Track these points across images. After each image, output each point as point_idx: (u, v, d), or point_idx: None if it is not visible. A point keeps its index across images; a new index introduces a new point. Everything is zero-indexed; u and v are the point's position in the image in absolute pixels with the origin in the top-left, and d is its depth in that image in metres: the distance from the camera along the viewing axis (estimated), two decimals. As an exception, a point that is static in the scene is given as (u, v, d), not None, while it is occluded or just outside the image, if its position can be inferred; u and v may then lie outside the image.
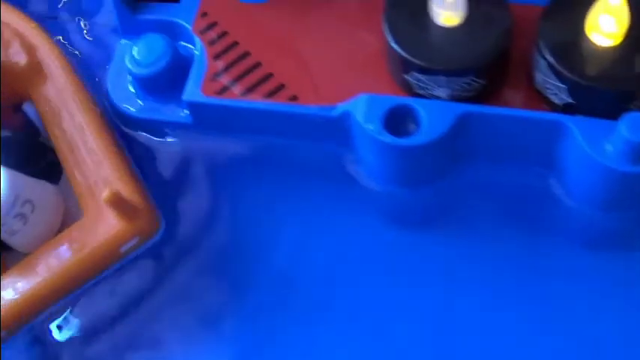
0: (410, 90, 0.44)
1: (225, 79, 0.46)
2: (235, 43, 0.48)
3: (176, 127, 0.49)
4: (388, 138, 0.42)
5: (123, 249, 0.45)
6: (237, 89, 0.46)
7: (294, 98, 0.45)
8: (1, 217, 0.44)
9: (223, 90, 0.46)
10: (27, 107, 0.53)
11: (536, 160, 0.44)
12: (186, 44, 0.50)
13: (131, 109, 0.49)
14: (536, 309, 0.43)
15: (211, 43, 0.48)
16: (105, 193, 0.42)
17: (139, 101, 0.49)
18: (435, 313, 0.44)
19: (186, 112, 0.48)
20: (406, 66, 0.42)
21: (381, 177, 0.46)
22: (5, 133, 0.51)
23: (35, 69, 0.51)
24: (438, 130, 0.42)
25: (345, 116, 0.44)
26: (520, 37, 0.43)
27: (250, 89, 0.46)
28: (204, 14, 0.49)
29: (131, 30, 0.51)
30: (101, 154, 0.47)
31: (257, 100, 0.46)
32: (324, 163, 0.47)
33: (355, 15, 0.48)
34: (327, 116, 0.45)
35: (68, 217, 0.48)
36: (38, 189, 0.47)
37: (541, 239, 0.45)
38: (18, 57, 0.51)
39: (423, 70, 0.42)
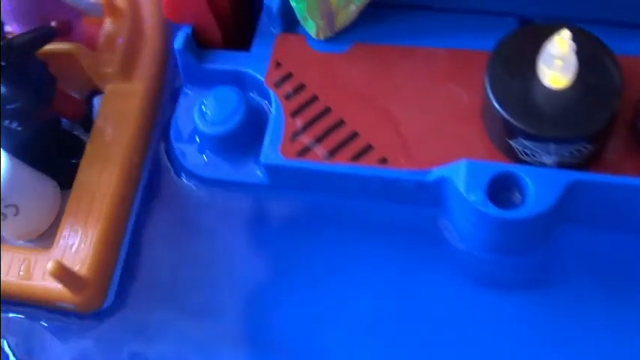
0: (512, 155, 0.40)
1: (305, 139, 0.43)
2: (314, 98, 0.44)
3: (249, 187, 0.45)
4: (493, 210, 0.39)
5: (58, 304, 0.47)
6: (319, 150, 0.43)
7: (383, 161, 0.42)
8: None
9: (304, 151, 0.43)
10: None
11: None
12: (258, 96, 0.46)
13: (198, 166, 0.46)
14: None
15: (287, 97, 0.44)
16: (50, 266, 0.43)
17: (207, 158, 0.46)
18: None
19: (262, 172, 0.44)
20: (512, 131, 0.39)
21: (475, 242, 0.43)
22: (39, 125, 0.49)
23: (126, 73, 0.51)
24: (546, 202, 0.39)
25: (442, 182, 0.41)
26: (628, 89, 0.41)
27: (334, 150, 0.43)
28: (278, 64, 0.46)
29: (196, 79, 0.47)
30: (96, 216, 0.47)
31: (343, 163, 0.42)
32: (413, 223, 0.44)
33: (443, 65, 0.44)
34: (421, 181, 0.42)
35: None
36: (34, 191, 0.48)
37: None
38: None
39: (531, 137, 0.39)
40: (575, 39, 0.38)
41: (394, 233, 0.44)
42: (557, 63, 0.38)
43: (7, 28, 0.53)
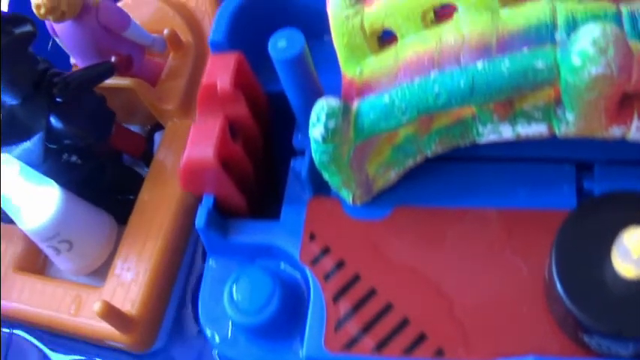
0: (585, 346, 0.36)
1: (351, 328, 0.39)
2: (356, 278, 0.40)
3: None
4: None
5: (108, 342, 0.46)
6: (367, 341, 0.38)
7: (439, 352, 0.38)
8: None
9: (351, 343, 0.38)
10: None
11: None
12: (292, 268, 0.42)
13: (231, 347, 0.42)
14: None
15: (327, 278, 0.40)
16: (97, 306, 0.43)
17: (240, 342, 0.42)
18: None
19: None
20: (586, 329, 0.35)
21: None
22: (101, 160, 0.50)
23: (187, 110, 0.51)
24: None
25: (510, 381, 0.37)
26: None
27: (384, 342, 0.38)
28: (312, 236, 0.41)
29: (222, 252, 0.43)
30: (149, 254, 0.46)
31: (394, 357, 0.38)
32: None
33: (497, 229, 0.40)
34: (486, 379, 0.37)
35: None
36: (89, 227, 0.48)
37: None
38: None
39: (608, 336, 0.35)
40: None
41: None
42: (633, 258, 0.34)
43: (72, 60, 0.55)
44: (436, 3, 0.38)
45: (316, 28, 0.45)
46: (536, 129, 0.37)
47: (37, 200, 0.46)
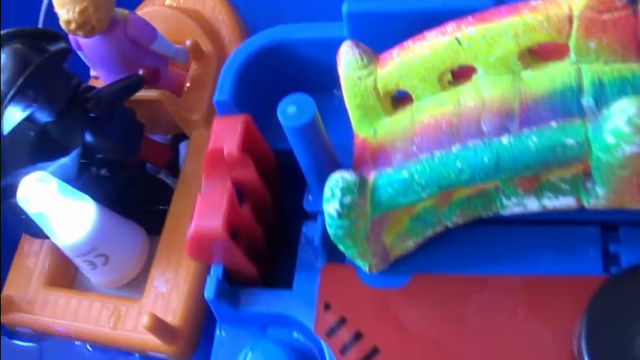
0: None
1: (372, 409, 0.37)
2: (375, 351, 0.38)
3: None
4: None
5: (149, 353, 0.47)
6: (388, 422, 0.37)
7: None
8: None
9: None
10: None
11: None
12: (305, 339, 0.40)
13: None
14: None
15: (343, 350, 0.38)
16: (145, 320, 0.43)
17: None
18: None
19: None
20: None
21: None
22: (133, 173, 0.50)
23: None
24: None
25: None
26: None
27: None
28: (327, 306, 0.39)
29: (232, 321, 0.41)
30: (187, 264, 0.46)
31: None
32: None
33: (520, 297, 0.38)
34: None
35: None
36: (123, 240, 0.48)
37: None
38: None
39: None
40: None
41: None
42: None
43: (92, 73, 0.55)
44: (454, 65, 0.36)
45: (325, 82, 0.43)
46: (563, 202, 0.35)
47: (73, 216, 0.45)
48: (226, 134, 0.39)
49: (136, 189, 0.50)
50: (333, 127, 0.40)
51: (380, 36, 0.40)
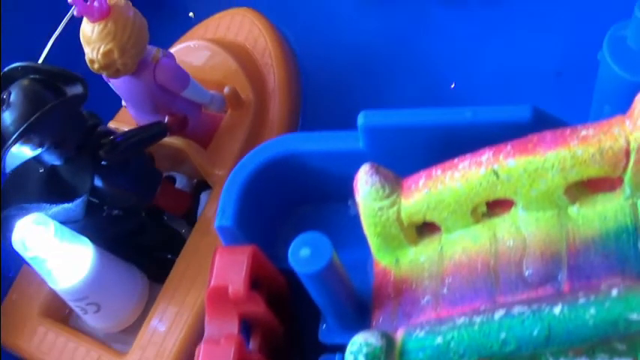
0: None
1: None
2: None
3: None
4: None
5: None
6: None
7: None
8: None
9: None
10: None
11: None
12: None
13: None
14: None
15: None
16: None
17: None
18: None
19: None
20: None
21: None
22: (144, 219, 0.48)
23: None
24: None
25: None
26: None
27: None
28: None
29: None
30: (181, 324, 0.44)
31: None
32: None
33: None
34: None
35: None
36: (119, 289, 0.46)
37: None
38: None
39: None
40: None
41: None
42: None
43: (124, 103, 0.51)
44: (490, 198, 0.32)
45: (338, 191, 0.38)
46: (620, 364, 0.30)
47: (68, 261, 0.43)
48: (231, 270, 0.34)
49: (146, 234, 0.48)
50: (345, 243, 0.35)
51: (399, 149, 0.35)
